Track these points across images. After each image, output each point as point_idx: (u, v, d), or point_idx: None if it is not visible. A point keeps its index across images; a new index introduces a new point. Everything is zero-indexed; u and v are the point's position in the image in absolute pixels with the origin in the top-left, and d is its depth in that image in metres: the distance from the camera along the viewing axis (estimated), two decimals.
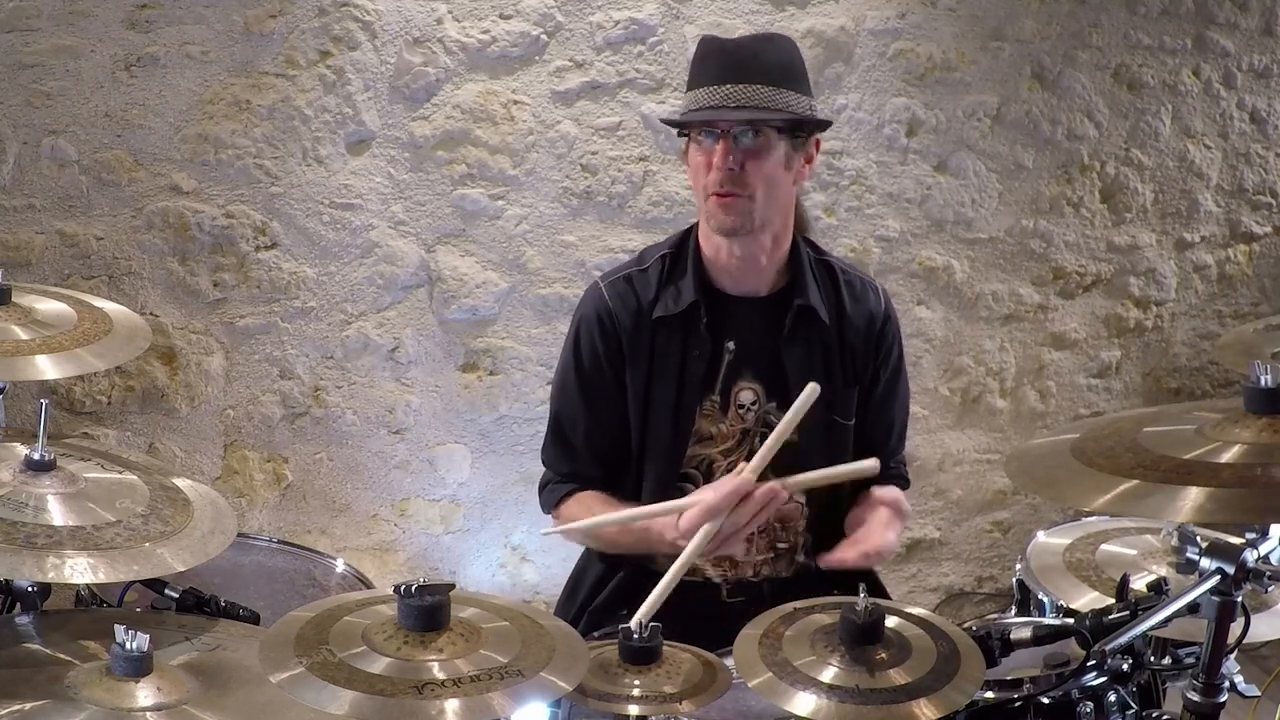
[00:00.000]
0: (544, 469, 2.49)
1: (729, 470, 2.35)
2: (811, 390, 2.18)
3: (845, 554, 2.19)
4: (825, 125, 2.35)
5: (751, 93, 2.20)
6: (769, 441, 2.16)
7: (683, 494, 2.36)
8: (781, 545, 2.38)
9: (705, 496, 2.13)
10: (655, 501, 2.34)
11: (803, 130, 2.28)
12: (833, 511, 2.38)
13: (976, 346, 3.91)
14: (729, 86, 2.20)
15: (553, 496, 2.44)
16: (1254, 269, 4.14)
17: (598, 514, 2.32)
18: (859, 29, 3.61)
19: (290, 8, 3.24)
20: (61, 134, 3.18)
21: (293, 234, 3.35)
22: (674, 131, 2.40)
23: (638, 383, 2.34)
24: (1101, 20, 3.80)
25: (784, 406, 2.34)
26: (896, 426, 2.49)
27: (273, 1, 3.23)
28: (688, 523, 2.11)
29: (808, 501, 2.38)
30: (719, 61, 2.25)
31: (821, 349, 2.35)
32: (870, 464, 2.22)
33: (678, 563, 2.06)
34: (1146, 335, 4.08)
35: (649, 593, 2.28)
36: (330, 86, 3.30)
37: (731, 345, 2.33)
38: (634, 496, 2.37)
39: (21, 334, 1.96)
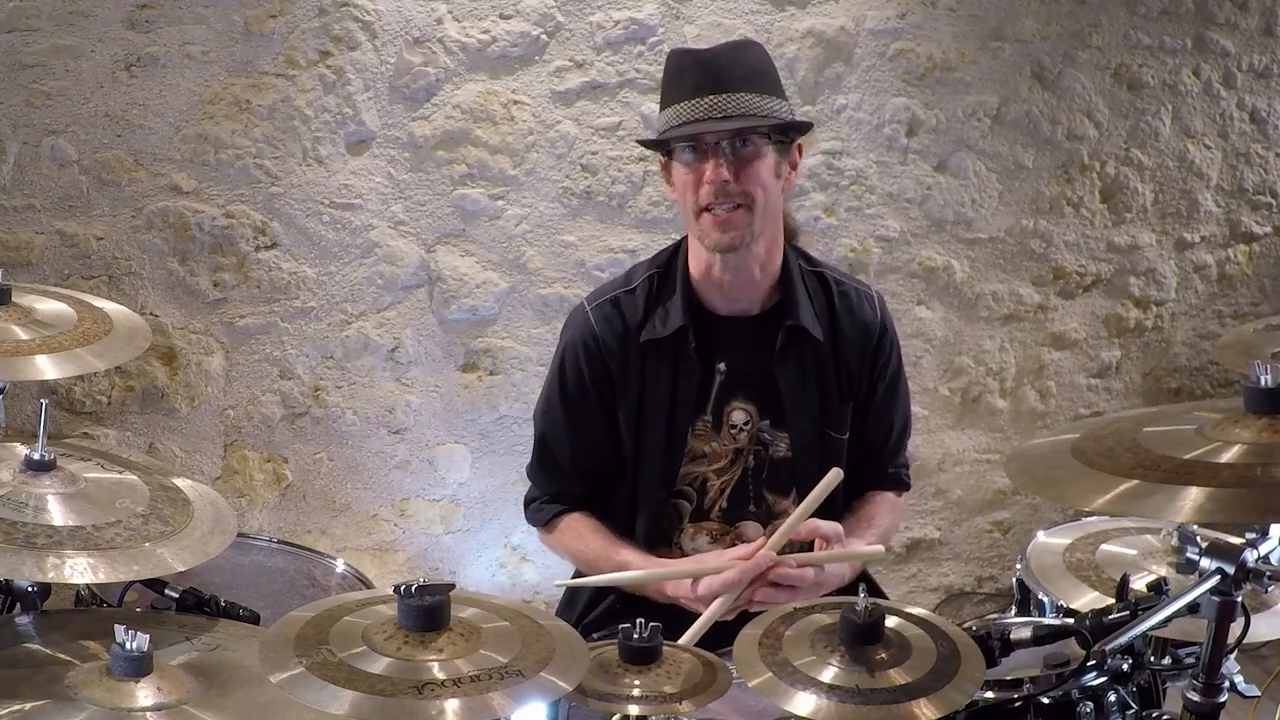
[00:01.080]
0: (530, 484, 2.48)
1: (722, 489, 2.35)
2: (834, 475, 2.19)
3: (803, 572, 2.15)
4: (808, 128, 2.31)
5: (736, 101, 2.15)
6: (789, 522, 2.16)
7: (676, 511, 2.37)
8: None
9: (725, 572, 2.11)
10: (649, 522, 2.35)
11: (788, 135, 2.23)
12: (822, 515, 2.39)
13: (976, 346, 3.90)
14: (711, 97, 2.14)
15: (540, 515, 2.42)
16: (1254, 269, 4.14)
17: (589, 543, 2.33)
18: (859, 29, 3.61)
19: (290, 8, 3.24)
20: (61, 134, 3.18)
21: (293, 234, 3.35)
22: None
23: (628, 406, 2.31)
24: (1101, 20, 3.80)
25: (777, 424, 2.34)
26: (895, 431, 2.46)
27: (273, 1, 3.23)
28: (706, 591, 2.12)
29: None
30: (695, 73, 2.18)
31: (815, 366, 2.32)
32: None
33: (694, 629, 2.05)
34: (1146, 335, 4.08)
35: (647, 602, 2.28)
36: (330, 86, 3.30)
37: (722, 366, 2.30)
38: (627, 514, 2.36)
39: (21, 334, 1.96)
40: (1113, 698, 1.78)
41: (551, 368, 2.41)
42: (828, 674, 1.56)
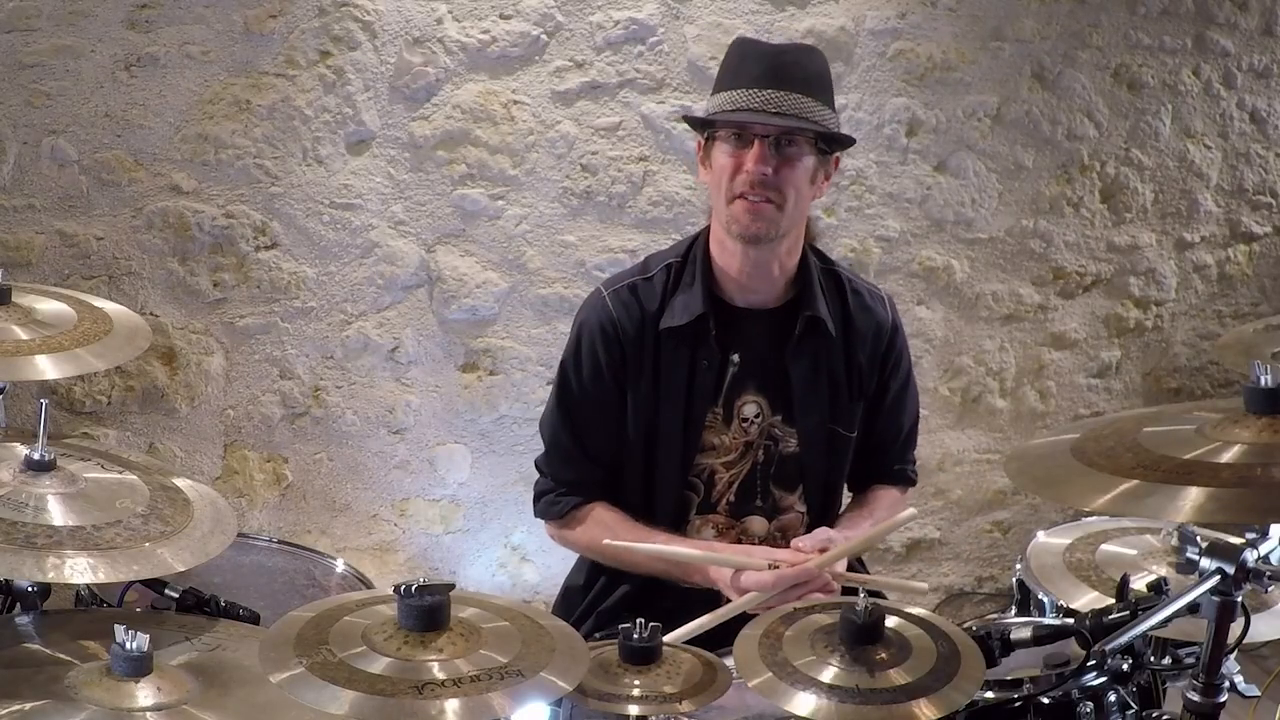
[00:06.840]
0: (540, 476, 2.45)
1: (730, 482, 2.35)
2: (908, 515, 2.30)
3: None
4: (850, 143, 2.32)
5: (792, 100, 2.18)
6: (846, 546, 2.19)
7: (686, 503, 2.36)
8: None
9: (765, 574, 2.12)
10: (662, 511, 2.34)
11: (830, 146, 2.26)
12: (829, 516, 2.40)
13: (976, 346, 3.90)
14: (769, 91, 2.17)
15: (556, 508, 2.39)
16: (1254, 269, 4.14)
17: (620, 534, 2.28)
18: (859, 29, 3.60)
19: (290, 8, 3.24)
20: (61, 134, 3.18)
21: (293, 234, 3.35)
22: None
23: (642, 393, 2.32)
24: (1101, 20, 3.80)
25: (788, 420, 2.35)
26: (905, 431, 2.49)
27: (273, 1, 3.22)
28: (749, 585, 2.13)
29: (808, 509, 2.38)
30: (760, 65, 2.21)
31: (827, 362, 2.34)
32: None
33: (722, 611, 2.07)
34: (1146, 335, 4.08)
35: (663, 592, 2.28)
36: (330, 86, 3.30)
37: (736, 358, 2.31)
38: (642, 505, 2.35)
39: (21, 334, 1.96)
40: (1113, 698, 1.79)
41: (566, 352, 2.40)
42: (828, 674, 1.56)
